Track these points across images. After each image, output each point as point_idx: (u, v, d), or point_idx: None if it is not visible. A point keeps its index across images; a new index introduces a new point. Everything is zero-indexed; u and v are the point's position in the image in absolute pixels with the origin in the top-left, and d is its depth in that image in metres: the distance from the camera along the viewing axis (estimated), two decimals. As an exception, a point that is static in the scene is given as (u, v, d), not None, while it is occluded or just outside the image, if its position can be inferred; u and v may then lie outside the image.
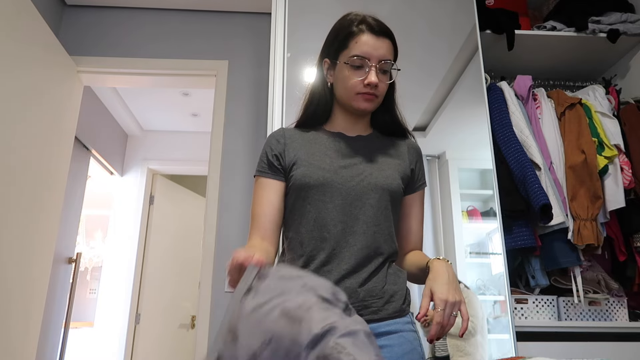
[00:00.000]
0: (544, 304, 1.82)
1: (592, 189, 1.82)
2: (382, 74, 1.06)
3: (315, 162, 1.06)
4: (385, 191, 1.05)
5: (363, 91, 1.05)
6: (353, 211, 1.03)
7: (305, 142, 1.12)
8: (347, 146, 1.11)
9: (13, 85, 1.92)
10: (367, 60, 1.04)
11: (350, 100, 1.07)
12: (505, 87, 1.99)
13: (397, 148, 1.15)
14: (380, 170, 1.07)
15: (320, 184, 1.04)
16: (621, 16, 2.10)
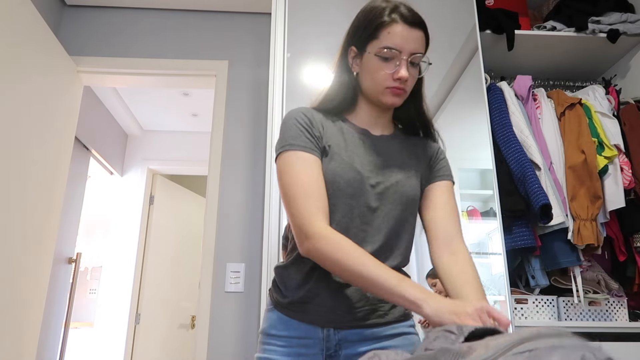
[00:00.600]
0: (544, 304, 1.82)
1: (592, 189, 1.82)
2: (412, 67, 1.00)
3: (347, 159, 1.01)
4: (408, 202, 1.02)
5: (392, 85, 0.99)
6: (375, 220, 0.99)
7: (337, 131, 1.05)
8: (374, 146, 1.05)
9: (13, 85, 1.92)
10: (398, 53, 0.97)
11: (378, 94, 1.01)
12: (505, 87, 1.99)
13: (417, 148, 1.10)
14: (406, 178, 1.03)
15: (350, 185, 0.99)
16: (621, 16, 2.10)
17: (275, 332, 1.01)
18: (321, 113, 1.07)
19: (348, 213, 0.98)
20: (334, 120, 1.07)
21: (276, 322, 1.02)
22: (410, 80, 1.00)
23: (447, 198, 1.06)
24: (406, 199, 1.02)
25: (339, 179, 0.98)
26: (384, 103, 1.02)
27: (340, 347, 0.98)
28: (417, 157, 1.09)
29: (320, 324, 0.99)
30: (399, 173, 1.03)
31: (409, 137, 1.12)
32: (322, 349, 0.98)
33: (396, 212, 1.01)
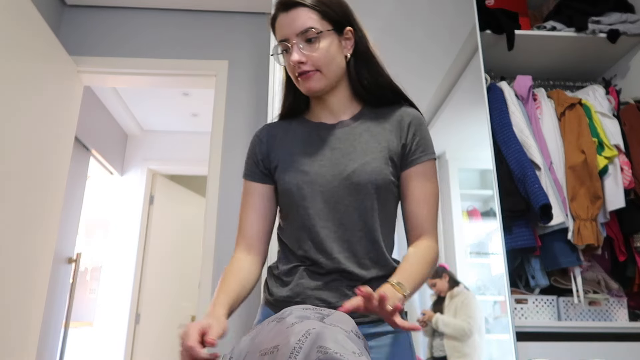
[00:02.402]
0: (544, 304, 1.82)
1: (592, 189, 1.82)
2: (308, 45, 0.96)
3: (295, 165, 0.99)
4: (369, 190, 0.96)
5: (296, 72, 0.97)
6: (335, 215, 0.96)
7: (288, 139, 1.05)
8: (328, 138, 1.02)
9: (13, 85, 1.92)
10: (287, 42, 0.97)
11: (298, 87, 1.01)
12: (505, 87, 1.99)
13: (386, 124, 1.02)
14: (364, 164, 0.96)
15: (299, 188, 0.97)
16: (621, 16, 2.10)
17: None
18: (283, 120, 1.10)
19: (309, 217, 0.97)
20: (290, 124, 1.08)
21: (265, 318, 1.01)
22: (315, 58, 0.96)
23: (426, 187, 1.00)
24: (369, 187, 0.96)
25: (290, 187, 0.98)
26: (304, 93, 1.00)
27: None
28: (385, 134, 1.01)
29: None
30: (356, 160, 0.97)
31: (379, 109, 1.05)
32: None
33: (358, 204, 0.96)
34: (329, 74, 0.98)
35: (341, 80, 1.03)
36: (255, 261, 1.03)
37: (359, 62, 1.02)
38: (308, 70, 0.96)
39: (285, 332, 0.61)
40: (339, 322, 0.67)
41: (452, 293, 1.66)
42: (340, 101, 1.04)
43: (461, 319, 1.63)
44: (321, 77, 0.97)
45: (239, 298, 0.94)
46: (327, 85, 0.99)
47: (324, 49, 0.96)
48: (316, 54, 0.96)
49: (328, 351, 0.55)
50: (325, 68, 0.97)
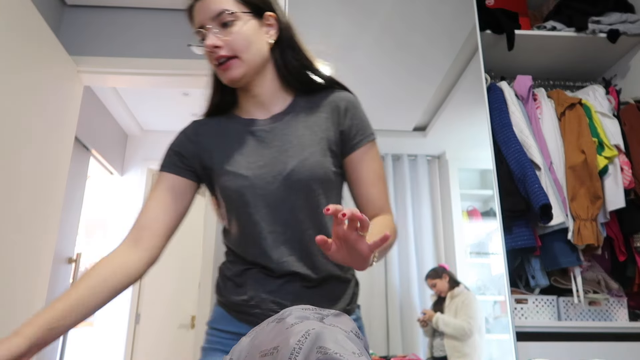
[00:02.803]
0: (544, 304, 1.82)
1: (592, 189, 1.82)
2: (224, 29, 0.92)
3: (232, 168, 0.94)
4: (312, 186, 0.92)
5: (213, 60, 0.93)
6: (282, 218, 0.92)
7: (221, 139, 0.99)
8: (263, 135, 0.96)
9: (13, 85, 1.92)
10: (203, 29, 0.93)
11: (221, 78, 0.96)
12: (506, 87, 1.99)
13: (321, 113, 0.98)
14: (303, 160, 0.92)
15: (241, 195, 0.92)
16: (621, 16, 2.10)
17: (220, 327, 0.98)
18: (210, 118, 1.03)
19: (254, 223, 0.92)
20: (220, 122, 1.02)
21: (219, 318, 0.99)
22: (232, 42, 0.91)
23: (372, 168, 0.98)
24: (311, 183, 0.92)
25: (231, 194, 0.93)
26: (226, 83, 0.95)
27: None
28: (321, 123, 0.97)
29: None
30: (295, 157, 0.93)
31: (311, 97, 1.01)
32: None
33: (303, 202, 0.92)
34: (249, 60, 0.93)
35: (266, 69, 0.98)
36: (139, 257, 0.92)
37: (284, 50, 0.98)
38: (226, 58, 0.91)
39: (285, 332, 0.61)
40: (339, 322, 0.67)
41: (452, 293, 1.66)
42: (269, 92, 0.99)
43: (461, 319, 1.63)
44: (240, 63, 0.92)
45: (78, 309, 0.81)
46: (248, 73, 0.94)
47: (240, 32, 0.92)
48: (231, 37, 0.91)
49: (328, 351, 0.55)
50: (243, 53, 0.92)
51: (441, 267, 1.70)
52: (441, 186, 1.81)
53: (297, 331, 0.60)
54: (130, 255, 0.91)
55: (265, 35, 0.96)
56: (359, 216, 0.65)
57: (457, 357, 1.60)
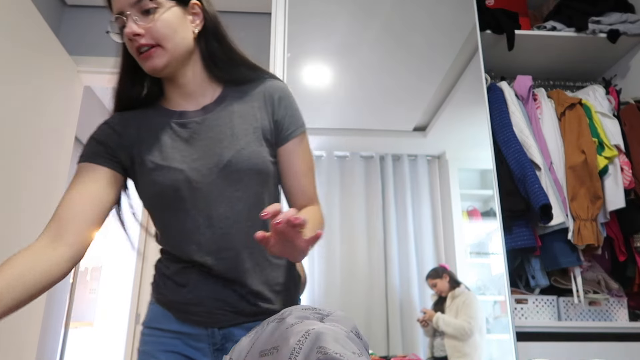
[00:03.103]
0: (544, 304, 1.82)
1: (592, 189, 1.82)
2: (145, 16, 0.87)
3: (166, 163, 0.89)
4: (251, 176, 0.90)
5: (134, 49, 0.88)
6: (219, 211, 0.89)
7: (151, 132, 0.93)
8: (195, 127, 0.92)
9: (13, 86, 1.92)
10: (122, 16, 0.88)
11: (143, 68, 0.89)
12: (506, 87, 1.99)
13: (253, 102, 0.95)
14: (239, 150, 0.89)
15: (176, 189, 0.88)
16: (621, 16, 2.10)
17: (159, 325, 0.95)
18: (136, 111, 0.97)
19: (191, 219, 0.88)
20: (146, 113, 0.96)
21: (159, 316, 0.95)
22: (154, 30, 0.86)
23: (304, 160, 0.97)
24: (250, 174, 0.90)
25: (163, 188, 0.88)
26: (149, 73, 0.90)
27: (226, 340, 0.93)
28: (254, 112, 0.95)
29: (203, 325, 0.92)
30: (231, 148, 0.90)
31: (242, 87, 0.97)
32: (209, 344, 0.92)
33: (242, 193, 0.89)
34: (173, 49, 0.88)
35: (193, 60, 0.94)
36: (62, 254, 0.84)
37: (209, 40, 0.94)
38: (148, 46, 0.86)
39: (285, 332, 0.61)
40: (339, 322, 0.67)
41: (453, 293, 1.66)
42: (197, 83, 0.95)
43: (462, 319, 1.63)
44: (163, 52, 0.87)
45: None
46: (172, 62, 0.89)
47: (163, 20, 0.87)
48: (153, 25, 0.86)
49: (328, 351, 0.55)
50: (166, 42, 0.87)
51: (441, 267, 1.70)
52: (441, 186, 1.81)
53: (297, 331, 0.60)
54: (52, 251, 0.83)
55: (191, 24, 0.92)
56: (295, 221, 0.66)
57: (458, 357, 1.60)
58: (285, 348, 0.58)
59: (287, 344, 0.59)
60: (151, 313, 0.98)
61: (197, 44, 0.94)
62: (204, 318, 0.92)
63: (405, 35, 1.93)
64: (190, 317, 0.92)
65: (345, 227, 1.72)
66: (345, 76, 1.88)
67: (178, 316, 0.94)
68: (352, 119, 1.84)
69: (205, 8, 0.94)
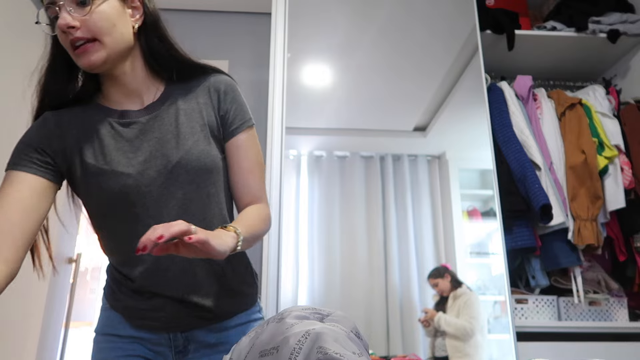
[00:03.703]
0: (544, 304, 1.82)
1: (592, 189, 1.82)
2: (80, 7, 0.80)
3: (110, 166, 0.83)
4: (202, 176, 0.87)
5: (68, 42, 0.80)
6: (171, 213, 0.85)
7: (89, 134, 0.86)
8: (140, 128, 0.87)
9: (13, 86, 1.92)
10: (55, 5, 0.80)
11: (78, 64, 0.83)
12: (506, 87, 1.99)
13: (198, 98, 0.91)
14: (188, 150, 0.86)
15: (124, 194, 0.83)
16: (621, 16, 2.10)
17: (115, 331, 0.90)
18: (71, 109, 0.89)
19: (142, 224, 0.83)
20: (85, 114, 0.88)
21: (115, 322, 0.91)
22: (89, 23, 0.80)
23: (251, 155, 0.94)
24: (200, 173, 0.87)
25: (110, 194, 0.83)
26: (86, 69, 0.83)
27: (188, 342, 0.91)
28: (200, 109, 0.91)
29: (163, 330, 0.90)
30: (179, 148, 0.86)
31: (185, 84, 0.93)
32: (170, 346, 0.90)
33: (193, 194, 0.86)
34: (111, 44, 0.82)
35: (132, 56, 0.89)
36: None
37: (149, 36, 0.90)
38: (83, 40, 0.80)
39: (285, 332, 0.61)
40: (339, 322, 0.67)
41: (455, 294, 1.66)
42: (139, 80, 0.90)
43: (463, 319, 1.63)
44: (101, 47, 0.81)
45: None
46: (110, 58, 0.83)
47: (100, 12, 0.81)
48: (89, 17, 0.80)
49: (328, 352, 0.55)
50: (104, 36, 0.81)
51: (443, 266, 1.70)
52: (441, 186, 1.81)
53: (297, 331, 0.60)
54: None
55: (130, 18, 0.87)
56: (196, 242, 0.67)
57: (459, 357, 1.60)
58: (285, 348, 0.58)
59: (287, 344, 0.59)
60: (107, 319, 0.93)
61: (136, 39, 0.89)
62: (164, 324, 0.89)
63: (406, 35, 1.93)
64: (149, 323, 0.89)
65: (345, 227, 1.72)
66: (345, 76, 1.88)
67: (135, 323, 0.90)
68: (352, 119, 1.84)
69: (145, 2, 0.91)
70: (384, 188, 1.79)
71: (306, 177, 1.75)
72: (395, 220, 1.75)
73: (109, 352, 0.89)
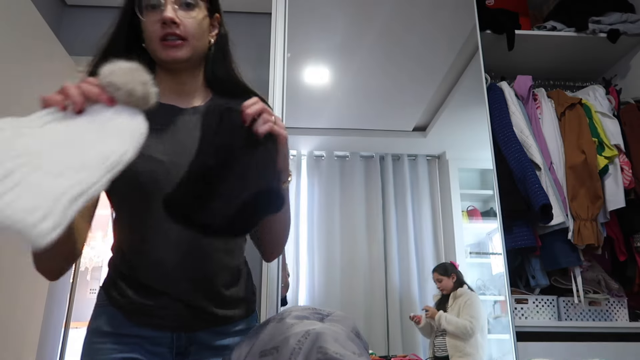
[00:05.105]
0: (544, 304, 1.82)
1: (592, 189, 1.82)
2: (184, 9, 0.90)
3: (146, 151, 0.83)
4: None
5: (162, 33, 0.88)
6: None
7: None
8: (183, 124, 0.92)
9: (13, 86, 1.92)
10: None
11: (156, 52, 0.90)
12: (506, 87, 1.99)
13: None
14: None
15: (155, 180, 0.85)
16: (621, 16, 2.10)
17: (113, 330, 0.89)
18: None
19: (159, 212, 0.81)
20: None
21: (115, 320, 0.89)
22: (186, 24, 0.89)
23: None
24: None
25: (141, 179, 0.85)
26: (164, 59, 0.90)
27: (190, 343, 0.91)
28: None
29: (167, 329, 0.89)
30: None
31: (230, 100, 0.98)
32: (170, 347, 0.90)
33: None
34: (196, 48, 0.92)
35: (200, 63, 0.98)
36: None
37: (217, 53, 1.00)
38: (177, 36, 0.88)
39: (285, 332, 0.61)
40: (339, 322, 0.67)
41: (455, 294, 1.66)
42: (195, 84, 0.98)
43: (464, 318, 1.63)
44: (188, 47, 0.91)
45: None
46: (191, 59, 0.93)
47: (198, 20, 0.92)
48: (191, 20, 0.90)
49: (328, 352, 0.55)
50: (194, 40, 0.91)
51: (451, 264, 1.70)
52: (441, 186, 1.81)
53: (297, 331, 0.60)
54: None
55: (210, 34, 0.98)
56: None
57: (459, 356, 1.60)
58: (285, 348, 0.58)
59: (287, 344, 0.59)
60: (104, 316, 0.91)
61: (207, 52, 0.99)
62: (168, 322, 0.89)
63: (406, 35, 1.93)
64: (154, 320, 0.89)
65: (345, 227, 1.72)
66: (345, 76, 1.88)
67: (138, 320, 0.89)
68: (352, 119, 1.85)
69: (222, 23, 1.03)
70: (384, 188, 1.79)
71: (306, 177, 1.75)
72: (395, 220, 1.75)
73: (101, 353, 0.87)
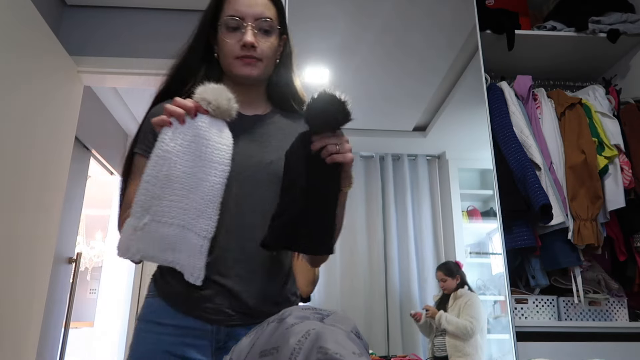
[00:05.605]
0: (544, 304, 1.82)
1: (592, 189, 1.82)
2: (262, 34, 1.00)
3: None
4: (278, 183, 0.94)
5: (241, 54, 0.98)
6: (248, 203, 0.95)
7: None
8: (246, 128, 1.01)
9: (13, 86, 1.92)
10: (242, 20, 0.99)
11: (231, 67, 1.01)
12: (506, 87, 1.99)
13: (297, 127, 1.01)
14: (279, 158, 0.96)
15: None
16: (621, 16, 2.10)
17: (159, 319, 0.95)
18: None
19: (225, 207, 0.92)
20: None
21: (159, 310, 0.96)
22: (262, 47, 0.99)
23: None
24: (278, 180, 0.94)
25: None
26: (238, 75, 1.01)
27: (229, 338, 0.93)
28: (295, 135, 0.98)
29: (208, 321, 0.93)
30: (272, 153, 0.99)
31: (287, 115, 1.09)
32: (211, 341, 0.93)
33: (271, 194, 0.93)
34: (267, 67, 1.03)
35: (266, 78, 1.07)
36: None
37: (280, 70, 1.08)
38: (254, 57, 0.99)
39: (285, 332, 0.61)
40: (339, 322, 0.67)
41: (456, 294, 1.66)
42: (259, 96, 1.08)
43: (464, 318, 1.64)
44: (262, 66, 1.01)
45: None
46: (261, 76, 1.03)
47: (273, 44, 1.02)
48: (269, 45, 1.00)
49: (328, 352, 0.55)
50: (267, 60, 1.01)
51: (457, 264, 1.70)
52: (441, 186, 1.81)
53: (297, 331, 0.60)
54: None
55: (277, 54, 1.06)
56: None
57: (459, 356, 1.60)
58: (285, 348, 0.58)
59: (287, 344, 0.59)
60: (151, 306, 0.99)
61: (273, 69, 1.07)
62: (209, 314, 0.93)
63: (405, 35, 1.93)
64: (195, 311, 0.93)
65: (346, 227, 1.72)
66: (345, 76, 1.88)
67: (183, 309, 0.94)
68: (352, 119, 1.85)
69: (288, 43, 1.09)
70: (384, 188, 1.79)
71: (306, 177, 1.75)
72: (395, 220, 1.75)
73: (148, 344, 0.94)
